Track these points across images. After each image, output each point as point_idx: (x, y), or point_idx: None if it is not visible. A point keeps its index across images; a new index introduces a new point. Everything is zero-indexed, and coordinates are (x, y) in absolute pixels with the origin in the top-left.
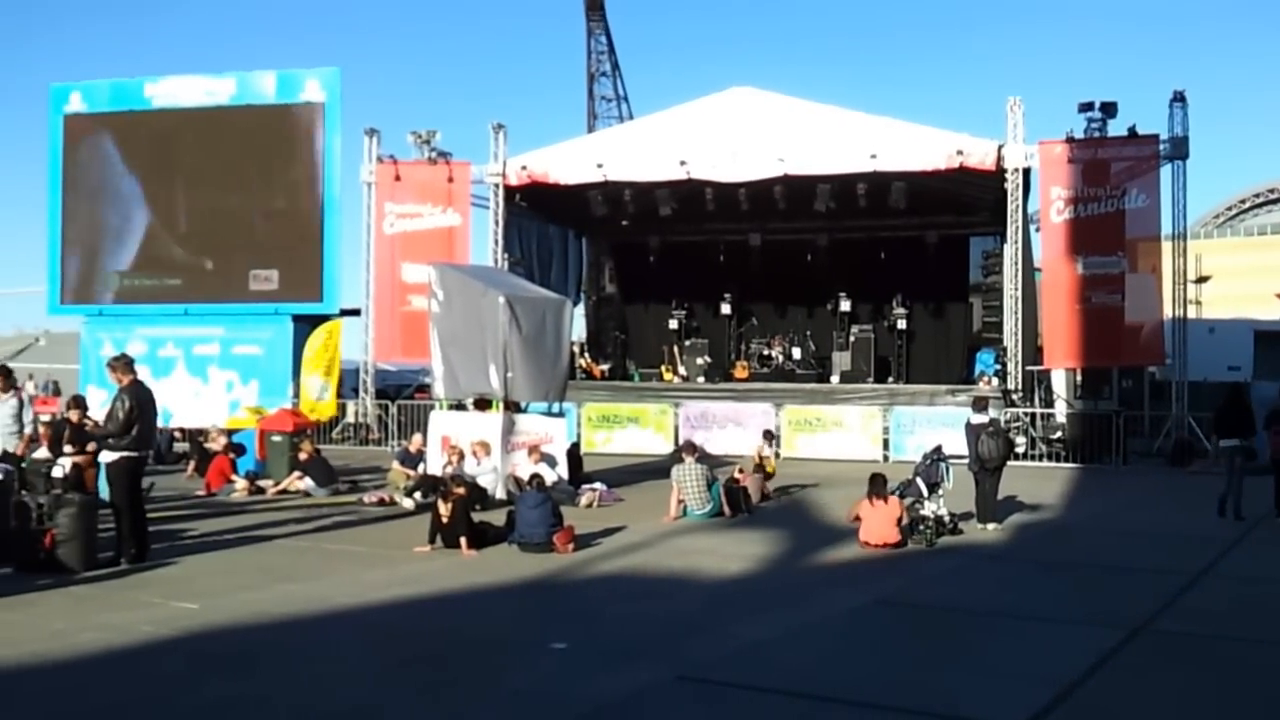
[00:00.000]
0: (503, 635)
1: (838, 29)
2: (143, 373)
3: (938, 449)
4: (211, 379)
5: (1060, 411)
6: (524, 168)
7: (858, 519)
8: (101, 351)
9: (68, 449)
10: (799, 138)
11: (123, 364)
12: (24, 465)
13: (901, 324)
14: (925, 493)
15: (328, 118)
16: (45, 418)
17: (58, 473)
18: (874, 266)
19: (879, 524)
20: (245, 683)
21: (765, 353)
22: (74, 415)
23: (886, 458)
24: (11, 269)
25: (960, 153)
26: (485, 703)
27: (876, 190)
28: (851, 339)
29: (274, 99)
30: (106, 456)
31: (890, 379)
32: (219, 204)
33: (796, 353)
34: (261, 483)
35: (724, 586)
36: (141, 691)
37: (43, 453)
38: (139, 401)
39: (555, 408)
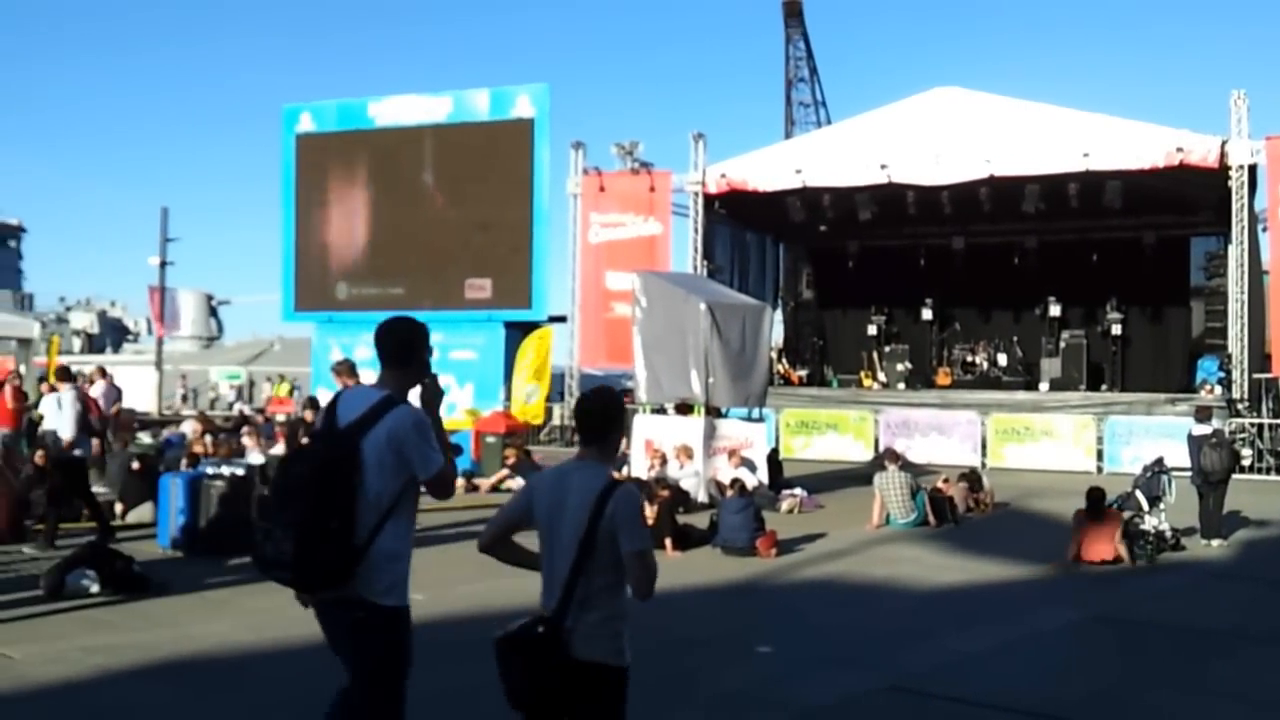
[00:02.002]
0: (709, 636)
1: (1047, 25)
2: (368, 376)
3: (1159, 461)
4: None
5: None
6: (723, 176)
7: (1079, 535)
8: (330, 355)
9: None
10: (1006, 137)
11: (346, 367)
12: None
13: (1116, 329)
14: (1146, 506)
15: (537, 132)
16: (281, 417)
17: None
18: (1086, 269)
19: (1096, 539)
20: (465, 673)
21: (969, 359)
22: (308, 415)
23: (1100, 469)
24: (249, 279)
25: (1180, 149)
26: (694, 703)
27: (1089, 190)
28: (1062, 345)
29: (488, 116)
30: None
31: (1104, 387)
32: (437, 217)
33: (1002, 359)
34: (477, 480)
35: (930, 597)
36: None
37: (279, 450)
38: None
39: (755, 413)
